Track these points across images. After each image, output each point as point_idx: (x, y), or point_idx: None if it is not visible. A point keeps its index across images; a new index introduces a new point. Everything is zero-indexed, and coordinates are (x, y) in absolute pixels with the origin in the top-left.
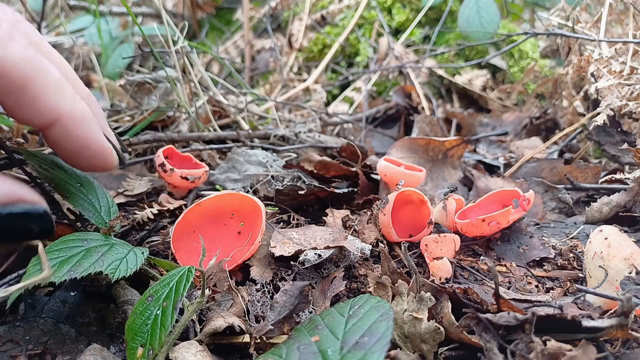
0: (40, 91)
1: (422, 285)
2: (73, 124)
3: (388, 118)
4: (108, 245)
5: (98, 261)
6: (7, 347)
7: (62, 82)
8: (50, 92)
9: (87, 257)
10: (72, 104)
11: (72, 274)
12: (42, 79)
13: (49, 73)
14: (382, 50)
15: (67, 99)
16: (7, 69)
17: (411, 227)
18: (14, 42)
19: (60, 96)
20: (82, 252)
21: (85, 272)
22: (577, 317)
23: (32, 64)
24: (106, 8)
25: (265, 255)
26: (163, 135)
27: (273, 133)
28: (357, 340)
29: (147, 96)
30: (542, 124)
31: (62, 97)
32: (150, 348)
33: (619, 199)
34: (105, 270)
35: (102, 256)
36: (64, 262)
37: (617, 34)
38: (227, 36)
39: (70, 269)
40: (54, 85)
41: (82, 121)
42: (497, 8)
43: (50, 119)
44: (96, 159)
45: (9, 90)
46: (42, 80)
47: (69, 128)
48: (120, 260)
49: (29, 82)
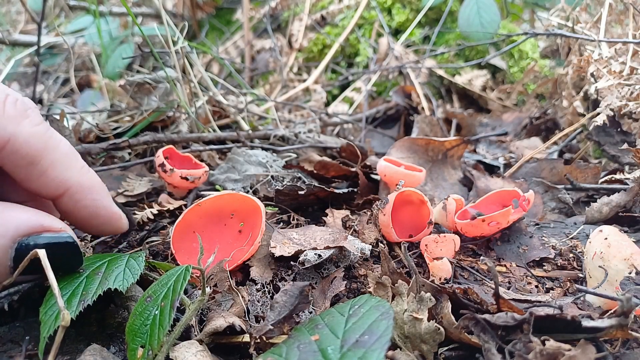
0: (49, 165)
1: (422, 286)
2: (82, 195)
3: (388, 118)
4: (105, 263)
5: (102, 281)
6: (7, 347)
7: (70, 155)
8: (58, 166)
9: (91, 282)
10: (80, 175)
11: (83, 303)
12: (51, 153)
13: (58, 147)
14: (382, 51)
15: (76, 171)
16: (19, 146)
17: (411, 227)
18: (27, 120)
19: (69, 169)
20: (84, 280)
21: (95, 296)
22: (577, 317)
23: (42, 139)
24: (106, 8)
25: (265, 256)
26: (162, 136)
27: (273, 133)
28: (357, 339)
29: (147, 96)
30: (542, 124)
31: (70, 170)
32: (149, 348)
33: (618, 199)
34: (113, 286)
35: (104, 275)
36: (71, 296)
37: (617, 34)
38: (227, 36)
39: (81, 300)
40: (63, 158)
41: (90, 191)
42: (497, 8)
43: (59, 191)
44: (107, 225)
45: (20, 164)
46: (51, 155)
47: (78, 198)
48: (122, 271)
49: (39, 157)
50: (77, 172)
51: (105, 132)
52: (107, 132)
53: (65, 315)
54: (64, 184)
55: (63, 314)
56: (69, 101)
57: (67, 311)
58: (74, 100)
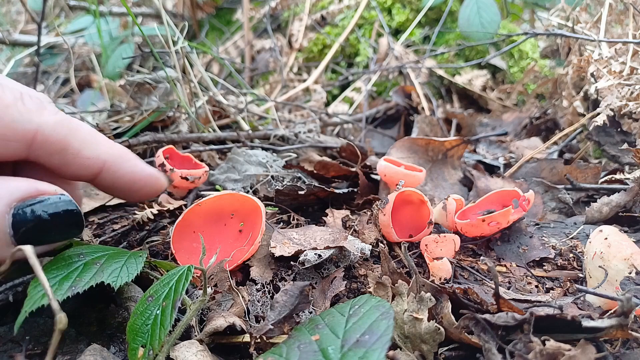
0: (80, 145)
1: (422, 286)
2: (118, 164)
3: (388, 118)
4: (105, 255)
5: (98, 272)
6: (7, 347)
7: (94, 132)
8: (89, 144)
9: (87, 271)
10: (110, 147)
11: (73, 289)
12: (78, 135)
13: (81, 127)
14: (382, 51)
15: (105, 145)
16: (47, 134)
17: (411, 227)
18: (46, 111)
19: (99, 144)
20: (81, 266)
21: (87, 286)
22: (577, 317)
23: (66, 124)
24: (106, 8)
25: (265, 256)
26: (162, 136)
27: (273, 133)
28: (357, 339)
29: (147, 96)
30: (542, 124)
31: (100, 145)
32: (150, 348)
33: (618, 199)
34: (106, 280)
35: (101, 267)
36: (63, 279)
37: (617, 34)
38: (227, 36)
39: (71, 285)
40: (90, 137)
41: (124, 159)
42: (497, 8)
43: (97, 167)
44: (149, 186)
45: (53, 152)
46: (79, 136)
47: (115, 169)
48: (119, 267)
49: (68, 141)
50: (107, 145)
51: (106, 132)
52: (107, 132)
53: (62, 318)
54: (99, 159)
55: (60, 317)
56: (69, 101)
57: (63, 313)
58: (74, 100)
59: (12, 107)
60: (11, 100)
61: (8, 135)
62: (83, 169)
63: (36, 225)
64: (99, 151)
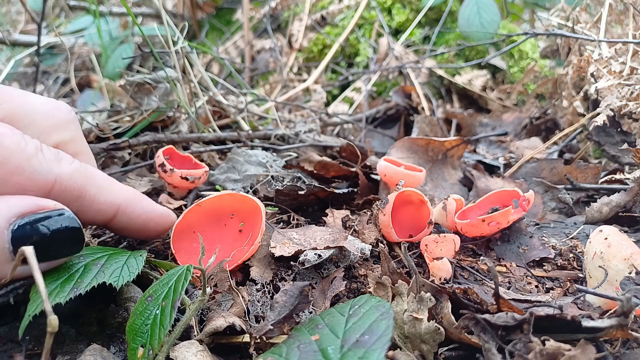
0: (96, 192)
1: (422, 286)
2: (132, 207)
3: (388, 118)
4: (106, 256)
5: (99, 273)
6: (7, 347)
7: (108, 178)
8: (104, 190)
9: (88, 272)
10: (124, 191)
11: (75, 291)
12: (94, 182)
13: (96, 175)
14: (382, 51)
15: (119, 189)
16: (65, 184)
17: (411, 227)
18: (63, 160)
19: (112, 190)
20: (81, 267)
21: (89, 287)
22: (577, 317)
23: (82, 172)
24: (106, 8)
25: (265, 256)
26: (162, 136)
27: (273, 133)
28: (357, 339)
29: (147, 96)
30: (542, 124)
31: (114, 190)
32: (150, 348)
33: (618, 199)
34: (108, 280)
35: (102, 267)
36: (65, 281)
37: (617, 34)
38: (227, 36)
39: (73, 287)
40: (104, 183)
41: (137, 201)
42: (497, 8)
43: (112, 212)
44: (161, 225)
45: (70, 200)
46: (94, 183)
47: (129, 211)
48: (120, 267)
49: (85, 189)
50: (120, 190)
51: (105, 132)
52: (107, 132)
53: (52, 320)
54: (114, 204)
55: (50, 320)
56: (69, 101)
57: (54, 316)
58: (74, 100)
59: (34, 158)
60: (32, 152)
61: (29, 186)
62: (99, 214)
63: (36, 241)
64: (113, 195)
